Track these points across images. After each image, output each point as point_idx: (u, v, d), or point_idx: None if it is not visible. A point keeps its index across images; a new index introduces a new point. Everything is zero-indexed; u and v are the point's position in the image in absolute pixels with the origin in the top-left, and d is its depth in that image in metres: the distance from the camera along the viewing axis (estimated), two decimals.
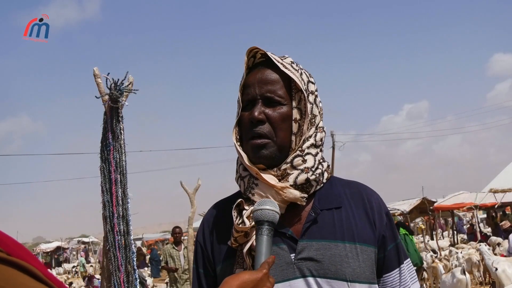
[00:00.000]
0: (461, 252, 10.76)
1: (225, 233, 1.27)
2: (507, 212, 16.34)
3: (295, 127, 1.25)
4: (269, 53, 1.27)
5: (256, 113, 1.23)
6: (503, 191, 15.43)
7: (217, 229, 1.33)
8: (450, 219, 22.08)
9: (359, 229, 1.25)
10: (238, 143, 1.29)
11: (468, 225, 21.57)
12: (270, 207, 1.16)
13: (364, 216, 1.28)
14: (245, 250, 1.20)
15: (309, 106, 1.26)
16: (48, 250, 30.25)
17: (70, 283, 16.71)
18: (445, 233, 24.41)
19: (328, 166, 1.34)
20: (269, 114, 1.24)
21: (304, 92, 1.24)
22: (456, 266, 9.64)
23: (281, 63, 1.25)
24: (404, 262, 1.33)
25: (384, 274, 1.30)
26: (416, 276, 1.36)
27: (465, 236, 20.25)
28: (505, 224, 13.29)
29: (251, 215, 1.19)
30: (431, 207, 18.19)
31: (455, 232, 19.90)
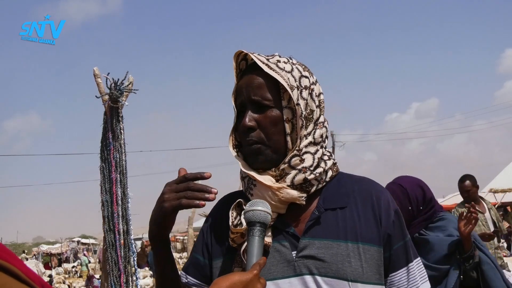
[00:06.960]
0: None
1: (227, 229, 1.25)
2: (508, 211, 16.29)
3: (288, 127, 1.23)
4: (254, 56, 1.24)
5: (246, 121, 1.22)
6: (503, 191, 15.39)
7: (220, 223, 1.31)
8: None
9: (362, 228, 1.22)
10: (235, 150, 1.29)
11: None
12: (262, 208, 1.14)
13: (371, 215, 1.25)
14: (242, 250, 1.19)
15: (302, 102, 1.22)
16: (55, 252, 30.00)
17: (63, 282, 16.71)
18: None
19: (334, 163, 1.31)
20: (259, 120, 1.23)
21: (290, 90, 1.21)
22: None
23: (266, 64, 1.23)
24: (414, 261, 1.29)
25: (391, 274, 1.26)
26: (427, 275, 1.32)
27: None
28: (504, 224, 13.27)
29: (243, 216, 1.18)
30: None
31: None
